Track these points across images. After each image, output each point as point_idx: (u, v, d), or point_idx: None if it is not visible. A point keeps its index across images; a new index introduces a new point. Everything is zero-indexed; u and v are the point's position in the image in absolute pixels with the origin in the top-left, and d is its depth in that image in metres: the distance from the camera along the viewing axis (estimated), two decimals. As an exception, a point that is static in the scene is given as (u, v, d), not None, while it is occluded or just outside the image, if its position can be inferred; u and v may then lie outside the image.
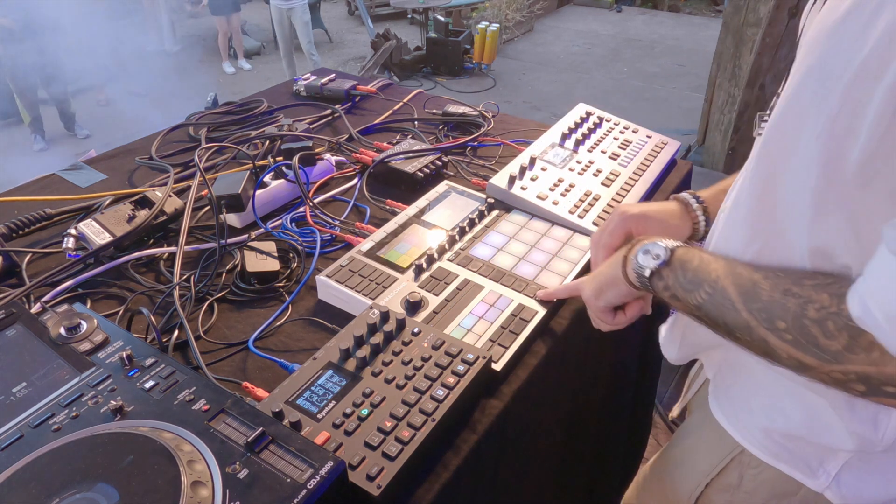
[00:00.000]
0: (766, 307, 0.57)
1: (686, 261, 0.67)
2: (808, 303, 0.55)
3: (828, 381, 0.55)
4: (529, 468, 0.98)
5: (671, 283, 0.67)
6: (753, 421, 0.74)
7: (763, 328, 0.57)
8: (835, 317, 0.53)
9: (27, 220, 1.06)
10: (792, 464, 0.72)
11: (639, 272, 0.70)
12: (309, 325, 0.90)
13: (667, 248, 0.68)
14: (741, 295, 0.60)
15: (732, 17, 3.68)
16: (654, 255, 0.69)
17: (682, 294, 0.66)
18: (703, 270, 0.65)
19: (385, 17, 8.26)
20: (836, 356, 0.53)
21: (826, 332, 0.53)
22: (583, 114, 1.37)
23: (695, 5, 8.66)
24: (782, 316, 0.56)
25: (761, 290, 0.59)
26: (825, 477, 0.69)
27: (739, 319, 0.60)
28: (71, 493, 0.54)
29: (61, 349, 0.72)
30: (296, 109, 1.58)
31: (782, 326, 0.56)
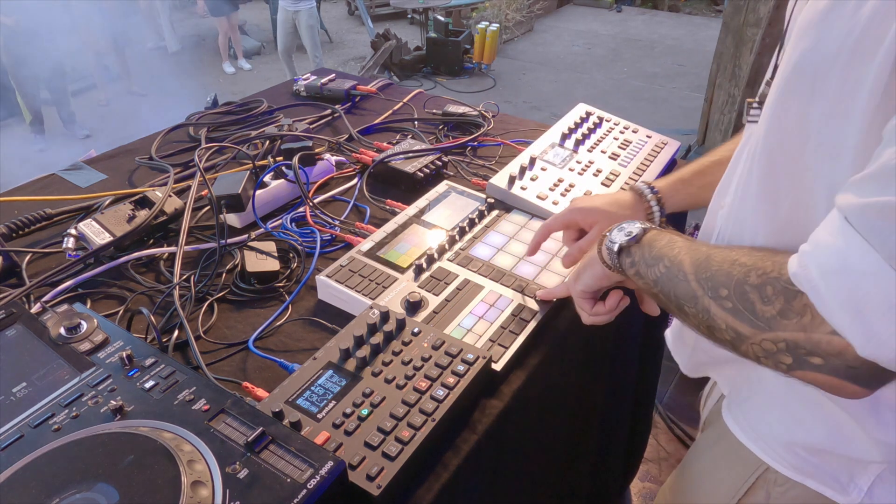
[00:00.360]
0: (713, 276, 0.58)
1: (655, 239, 0.68)
2: (752, 269, 0.55)
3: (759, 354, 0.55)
4: (529, 468, 0.98)
5: (637, 259, 0.69)
6: (773, 435, 0.72)
7: (707, 297, 0.58)
8: (774, 281, 0.53)
9: (27, 220, 1.06)
10: (819, 479, 0.69)
11: (609, 248, 0.72)
12: (309, 325, 0.90)
13: (642, 227, 0.70)
14: (693, 265, 0.61)
15: (732, 17, 3.68)
16: (627, 233, 0.71)
17: (644, 269, 0.68)
18: (668, 247, 0.66)
19: (385, 17, 8.26)
20: (770, 322, 0.53)
21: (764, 296, 0.53)
22: (583, 114, 1.37)
23: (695, 5, 8.66)
24: (726, 283, 0.57)
25: (712, 262, 0.59)
26: (857, 493, 0.66)
27: (688, 289, 0.61)
28: (71, 493, 0.54)
29: (61, 349, 0.72)
30: (296, 109, 1.58)
31: (724, 294, 0.57)
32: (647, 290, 0.68)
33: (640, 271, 0.68)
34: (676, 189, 0.93)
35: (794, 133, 0.58)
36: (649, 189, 0.92)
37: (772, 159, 0.61)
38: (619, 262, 0.71)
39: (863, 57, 0.49)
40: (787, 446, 0.71)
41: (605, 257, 0.73)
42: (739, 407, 0.78)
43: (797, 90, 0.57)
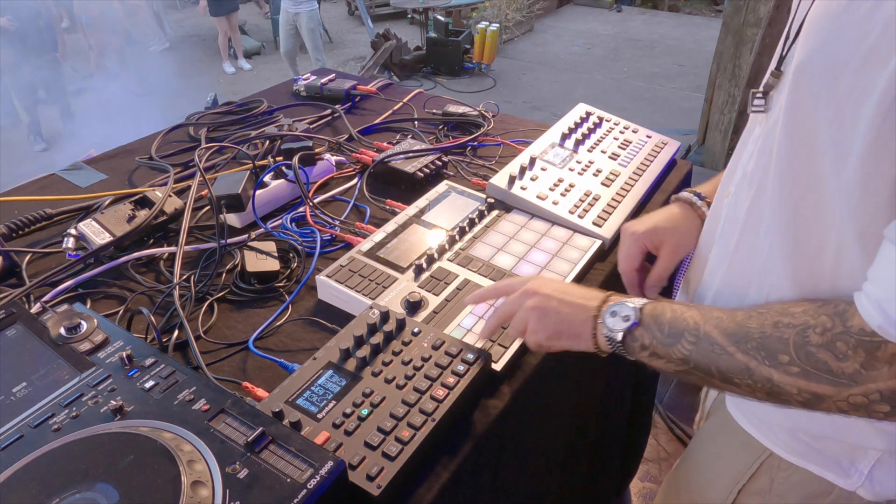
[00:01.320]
0: (763, 344, 0.56)
1: (658, 314, 0.65)
2: (808, 328, 0.53)
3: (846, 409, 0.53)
4: (529, 468, 0.98)
5: (648, 342, 0.65)
6: (776, 422, 0.73)
7: (765, 366, 0.55)
8: (843, 336, 0.51)
9: (27, 220, 1.06)
10: (822, 464, 0.70)
11: (610, 336, 0.67)
12: (309, 325, 0.90)
13: (635, 308, 0.66)
14: (728, 337, 0.58)
15: (732, 17, 3.68)
16: (624, 317, 0.66)
17: (663, 350, 0.63)
18: (679, 320, 0.63)
19: (385, 17, 8.26)
20: (854, 377, 0.51)
21: (837, 354, 0.51)
22: (583, 114, 1.37)
23: (695, 5, 8.66)
24: (782, 349, 0.54)
25: (750, 329, 0.57)
26: (857, 476, 0.67)
27: (735, 363, 0.58)
28: (71, 493, 0.54)
29: (61, 349, 0.72)
30: (296, 109, 1.58)
31: (786, 360, 0.54)
32: (672, 369, 0.64)
33: (656, 352, 0.64)
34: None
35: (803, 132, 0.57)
36: (697, 196, 0.90)
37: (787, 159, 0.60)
38: (624, 348, 0.67)
39: (876, 63, 0.48)
40: (790, 432, 0.72)
41: (600, 343, 0.68)
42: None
43: (805, 89, 0.56)
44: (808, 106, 0.56)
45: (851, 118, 0.50)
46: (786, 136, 0.60)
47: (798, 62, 0.57)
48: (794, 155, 0.59)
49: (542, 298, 0.73)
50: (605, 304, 0.69)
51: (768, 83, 0.65)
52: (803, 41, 0.57)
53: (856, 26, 0.50)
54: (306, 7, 5.50)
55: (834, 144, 0.53)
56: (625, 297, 0.69)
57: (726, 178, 0.76)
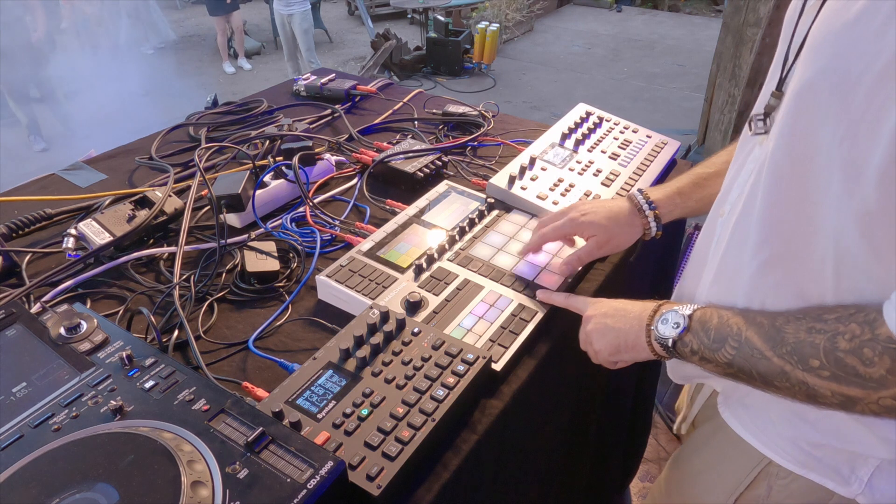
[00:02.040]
0: (796, 349, 0.57)
1: (705, 321, 0.68)
2: (837, 335, 0.55)
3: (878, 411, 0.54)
4: (529, 468, 0.98)
5: (696, 347, 0.68)
6: (778, 431, 0.73)
7: (799, 370, 0.57)
8: (871, 343, 0.52)
9: (27, 220, 1.06)
10: (822, 472, 0.71)
11: (662, 343, 0.71)
12: (309, 325, 0.90)
13: (684, 315, 0.69)
14: (767, 342, 0.60)
15: (732, 17, 3.68)
16: (674, 324, 0.70)
17: (710, 355, 0.66)
18: (724, 326, 0.65)
19: (385, 17, 8.26)
20: (882, 382, 0.52)
21: (864, 360, 0.53)
22: (583, 114, 1.36)
23: (695, 5, 8.66)
24: (813, 354, 0.56)
25: (786, 334, 0.59)
26: (858, 484, 0.68)
27: (772, 367, 0.60)
28: (71, 493, 0.54)
29: (61, 349, 0.72)
30: (296, 109, 1.58)
31: (816, 364, 0.56)
32: (720, 372, 0.67)
33: (705, 356, 0.67)
34: (674, 202, 0.94)
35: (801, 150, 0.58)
36: (647, 203, 0.93)
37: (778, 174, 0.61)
38: (675, 352, 0.71)
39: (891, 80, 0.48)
40: (791, 441, 0.72)
41: (657, 350, 0.73)
42: (739, 402, 0.78)
43: (809, 108, 0.56)
44: (812, 124, 0.56)
45: (867, 134, 0.51)
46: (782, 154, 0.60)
47: (803, 81, 0.57)
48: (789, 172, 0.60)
49: (598, 319, 0.81)
50: (658, 313, 0.73)
51: (769, 104, 0.66)
52: (808, 61, 0.58)
53: (868, 42, 0.50)
54: (298, 8, 5.45)
55: (845, 161, 0.53)
56: (676, 305, 0.72)
57: (720, 199, 0.77)
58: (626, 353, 0.78)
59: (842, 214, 0.55)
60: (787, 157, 0.60)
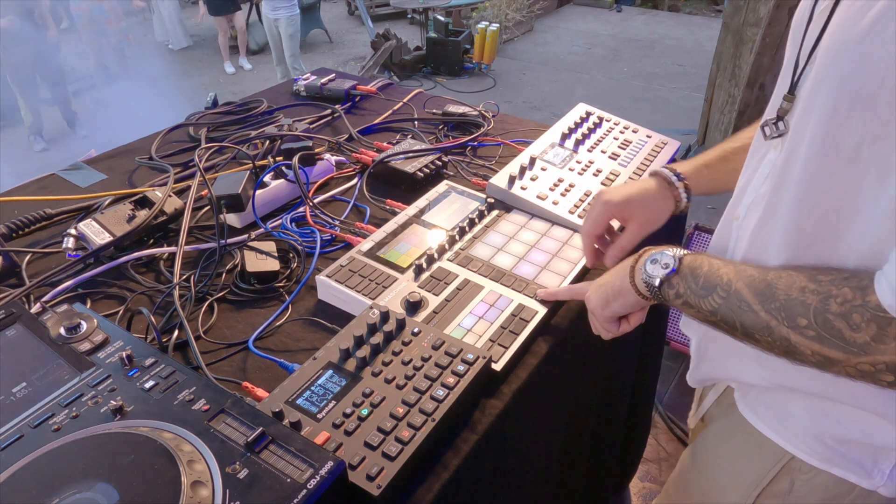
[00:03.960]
0: (785, 305, 0.58)
1: (695, 267, 0.68)
2: (829, 297, 0.55)
3: (854, 374, 0.56)
4: (529, 468, 0.98)
5: (682, 291, 0.68)
6: (801, 426, 0.73)
7: (784, 326, 0.58)
8: (860, 309, 0.53)
9: (27, 220, 1.06)
10: (845, 467, 0.71)
11: (648, 282, 0.71)
12: (309, 325, 0.90)
13: (675, 257, 0.69)
14: (757, 296, 0.61)
15: (732, 17, 3.68)
16: (663, 265, 0.69)
17: (695, 300, 0.67)
18: (714, 275, 0.65)
19: (385, 17, 8.26)
20: (864, 347, 0.53)
21: (851, 324, 0.54)
22: (583, 114, 1.36)
23: (695, 5, 8.66)
24: (802, 313, 0.57)
25: (777, 290, 0.59)
26: (880, 476, 0.69)
27: (758, 320, 0.60)
28: (71, 493, 0.54)
29: (61, 349, 0.72)
30: (296, 109, 1.58)
31: (803, 323, 0.57)
32: (701, 318, 0.68)
33: (688, 301, 0.68)
34: (701, 174, 0.93)
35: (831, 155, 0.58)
36: (675, 176, 0.91)
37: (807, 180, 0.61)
38: (661, 294, 0.71)
39: None
40: (815, 437, 0.72)
41: (642, 290, 0.73)
42: (759, 399, 0.79)
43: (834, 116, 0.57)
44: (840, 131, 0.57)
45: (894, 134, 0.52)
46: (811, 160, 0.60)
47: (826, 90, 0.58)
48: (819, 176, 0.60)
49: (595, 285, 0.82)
50: (643, 256, 0.73)
51: (783, 108, 0.66)
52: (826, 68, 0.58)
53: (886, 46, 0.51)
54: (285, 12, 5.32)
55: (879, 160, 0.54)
56: (663, 247, 0.71)
57: (734, 202, 0.78)
58: (615, 302, 0.78)
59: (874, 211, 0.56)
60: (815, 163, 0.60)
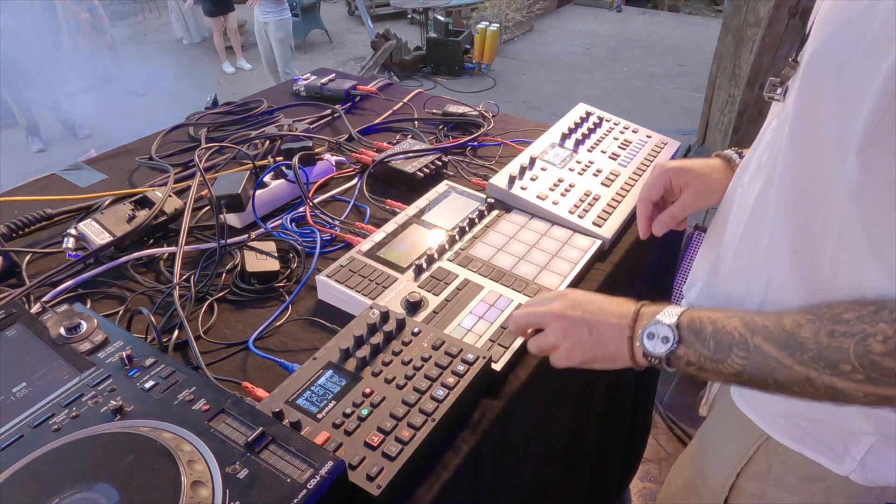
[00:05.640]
0: (821, 354, 0.55)
1: (698, 330, 0.63)
2: (868, 337, 0.53)
3: None
4: (529, 468, 0.98)
5: (694, 359, 0.63)
6: (775, 406, 0.74)
7: (826, 375, 0.55)
8: None
9: (27, 220, 1.06)
10: (816, 448, 0.71)
11: (651, 359, 0.66)
12: (309, 325, 0.90)
13: (671, 326, 0.64)
14: (784, 349, 0.57)
15: (732, 17, 3.68)
16: (662, 338, 0.64)
17: (713, 366, 0.62)
18: (723, 333, 0.61)
19: (385, 17, 8.26)
20: None
21: None
22: (583, 114, 1.37)
23: (695, 5, 8.66)
24: (843, 358, 0.54)
25: (804, 339, 0.56)
26: (851, 462, 0.69)
27: (794, 375, 0.57)
28: (71, 493, 0.54)
29: (61, 349, 0.72)
30: (296, 109, 1.58)
31: (848, 369, 0.54)
32: (724, 380, 0.63)
33: (705, 367, 0.62)
34: None
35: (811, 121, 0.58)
36: (738, 155, 0.89)
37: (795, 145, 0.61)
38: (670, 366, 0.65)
39: (877, 55, 0.50)
40: (786, 416, 0.73)
41: (644, 364, 0.67)
42: None
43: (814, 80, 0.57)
44: (816, 97, 0.57)
45: (855, 107, 0.52)
46: (794, 127, 0.61)
47: (808, 55, 0.59)
48: (801, 144, 0.60)
49: (570, 324, 0.70)
50: (639, 325, 0.67)
51: (785, 73, 0.66)
52: (814, 35, 0.59)
53: (858, 19, 0.52)
54: (274, 17, 5.22)
55: (838, 133, 0.55)
56: (656, 310, 0.66)
57: (741, 169, 0.77)
58: (599, 364, 0.71)
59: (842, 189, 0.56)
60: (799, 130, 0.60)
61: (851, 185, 0.55)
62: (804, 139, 0.60)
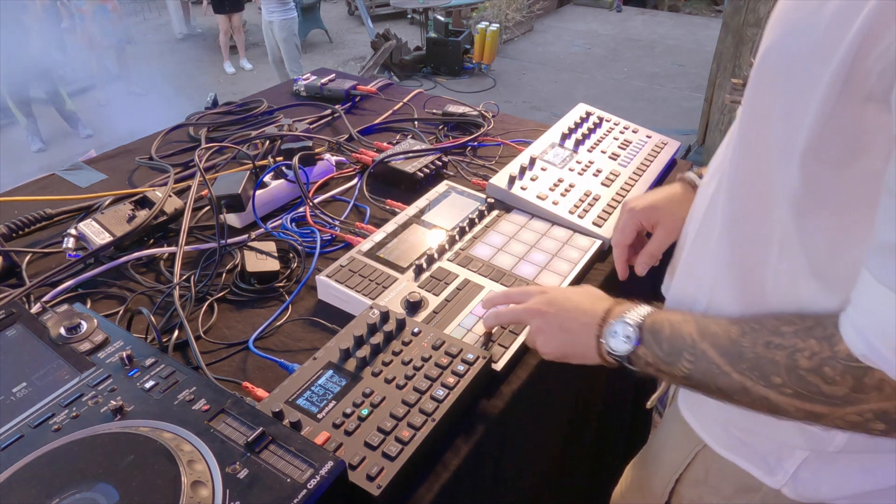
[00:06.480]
0: (755, 365, 0.55)
1: (657, 331, 0.63)
2: (796, 352, 0.52)
3: (845, 426, 0.52)
4: (529, 468, 0.98)
5: (651, 360, 0.64)
6: (712, 414, 0.73)
7: (760, 386, 0.55)
8: (830, 361, 0.50)
9: (27, 220, 1.06)
10: (749, 459, 0.70)
11: (615, 357, 0.67)
12: (309, 325, 0.90)
13: (635, 326, 0.65)
14: (724, 356, 0.57)
15: (732, 17, 3.68)
16: (625, 338, 0.65)
17: (666, 367, 0.62)
18: (678, 336, 0.61)
19: (385, 17, 8.26)
20: (845, 399, 0.50)
21: (826, 378, 0.50)
22: (583, 114, 1.37)
23: (695, 5, 8.65)
24: (774, 371, 0.53)
25: (743, 348, 0.56)
26: (783, 475, 0.68)
27: (732, 382, 0.57)
28: (71, 493, 0.54)
29: (61, 349, 0.72)
30: (296, 109, 1.58)
31: (778, 382, 0.53)
32: (677, 383, 0.64)
33: (660, 369, 0.63)
34: None
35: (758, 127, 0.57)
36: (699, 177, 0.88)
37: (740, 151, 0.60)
38: (631, 365, 0.66)
39: (820, 59, 0.47)
40: (722, 424, 0.72)
41: (611, 362, 0.68)
42: None
43: (762, 83, 0.56)
44: (764, 99, 0.55)
45: (800, 112, 0.50)
46: (742, 130, 0.59)
47: (759, 55, 0.56)
48: (747, 148, 0.58)
49: (545, 321, 0.74)
50: (606, 323, 0.68)
51: (746, 75, 0.65)
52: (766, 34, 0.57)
53: (807, 19, 0.49)
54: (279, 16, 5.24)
55: (783, 138, 0.52)
56: (625, 309, 0.67)
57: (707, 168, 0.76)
58: (573, 360, 0.73)
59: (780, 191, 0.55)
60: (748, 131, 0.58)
61: (792, 195, 0.53)
62: (751, 143, 0.58)
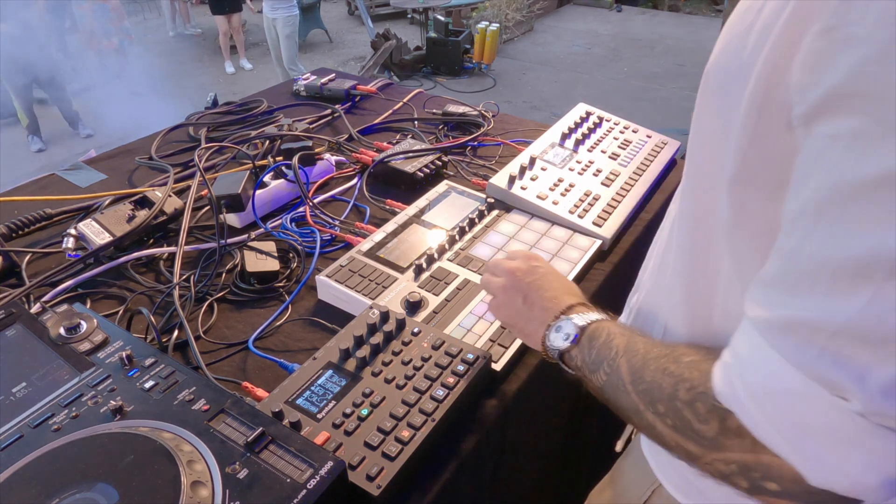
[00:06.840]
0: (649, 388, 0.50)
1: (594, 337, 0.60)
2: (680, 382, 0.48)
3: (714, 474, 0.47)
4: (529, 468, 0.98)
5: (579, 364, 0.61)
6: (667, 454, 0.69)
7: (649, 412, 0.50)
8: (702, 397, 0.45)
9: (27, 220, 1.06)
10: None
11: (551, 351, 0.65)
12: (309, 325, 0.90)
13: (577, 326, 0.62)
14: (631, 375, 0.53)
15: (732, 16, 3.68)
16: (565, 335, 0.63)
17: (589, 374, 0.59)
18: (606, 347, 0.58)
19: (385, 17, 8.26)
20: (713, 442, 0.45)
21: (697, 414, 0.46)
22: (583, 113, 1.36)
23: (695, 5, 8.65)
24: (660, 397, 0.49)
25: (647, 369, 0.52)
26: None
27: (630, 402, 0.52)
28: (71, 493, 0.54)
29: (61, 349, 0.72)
30: (296, 109, 1.58)
31: (661, 410, 0.49)
32: (595, 392, 0.60)
33: (586, 375, 0.60)
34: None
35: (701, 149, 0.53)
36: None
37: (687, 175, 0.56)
38: (563, 364, 0.64)
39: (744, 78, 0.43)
40: (675, 467, 0.67)
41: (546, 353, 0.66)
42: None
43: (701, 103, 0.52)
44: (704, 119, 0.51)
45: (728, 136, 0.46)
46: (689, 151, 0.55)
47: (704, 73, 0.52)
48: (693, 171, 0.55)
49: (515, 284, 0.71)
50: (560, 318, 0.65)
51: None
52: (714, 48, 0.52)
53: (740, 36, 0.45)
54: (283, 13, 5.28)
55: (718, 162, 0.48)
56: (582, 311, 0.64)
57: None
58: (516, 333, 0.72)
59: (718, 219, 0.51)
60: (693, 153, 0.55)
61: (726, 224, 0.49)
62: (696, 166, 0.54)
